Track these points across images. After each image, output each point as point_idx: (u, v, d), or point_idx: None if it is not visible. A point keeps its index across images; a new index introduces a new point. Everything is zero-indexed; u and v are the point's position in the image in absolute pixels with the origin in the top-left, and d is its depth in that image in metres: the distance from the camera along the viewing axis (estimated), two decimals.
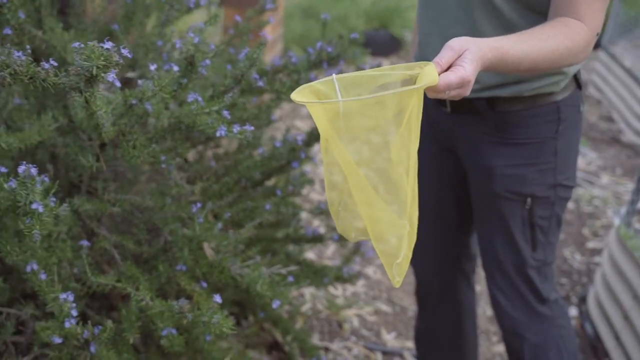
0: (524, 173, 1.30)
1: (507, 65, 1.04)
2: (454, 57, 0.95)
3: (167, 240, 1.46)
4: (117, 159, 1.43)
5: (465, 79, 0.93)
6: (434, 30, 1.31)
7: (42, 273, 1.14)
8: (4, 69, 0.87)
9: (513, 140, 1.30)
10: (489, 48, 0.99)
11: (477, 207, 1.43)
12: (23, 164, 1.04)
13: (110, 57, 0.88)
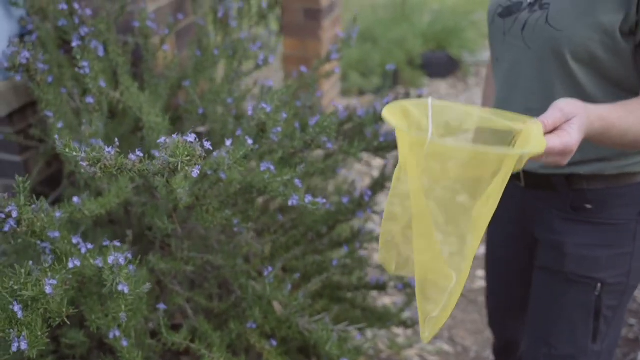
0: (598, 255, 1.21)
1: (610, 138, 0.99)
2: (561, 120, 0.90)
3: (237, 296, 1.50)
4: (190, 219, 1.48)
5: (568, 147, 0.88)
6: (510, 96, 1.25)
7: (124, 340, 1.19)
8: (95, 164, 0.92)
9: (589, 220, 1.22)
10: (597, 117, 0.95)
11: (537, 284, 1.34)
12: (106, 241, 1.09)
13: (194, 152, 0.91)
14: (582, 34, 1.05)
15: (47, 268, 0.99)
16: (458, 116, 0.90)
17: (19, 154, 1.80)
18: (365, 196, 1.54)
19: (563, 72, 1.12)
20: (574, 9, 1.06)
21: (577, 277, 1.24)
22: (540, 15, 1.12)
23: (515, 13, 1.16)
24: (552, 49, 1.11)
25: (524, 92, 1.20)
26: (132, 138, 1.67)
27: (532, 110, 1.13)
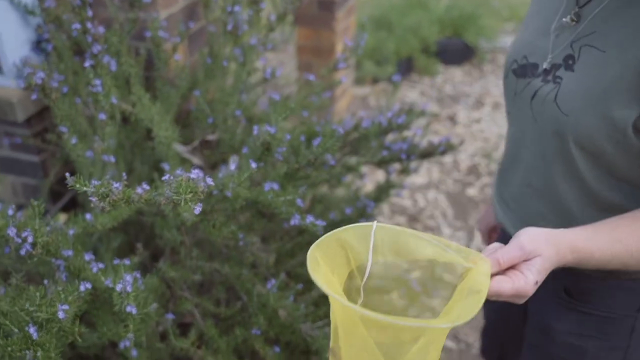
0: (587, 347, 1.12)
1: (589, 266, 0.91)
2: (520, 258, 0.82)
3: (243, 303, 1.56)
4: (198, 229, 1.54)
5: (521, 292, 0.80)
6: (513, 165, 1.16)
7: (133, 350, 1.27)
8: (104, 198, 0.97)
9: (583, 309, 1.11)
10: (570, 250, 0.86)
11: (527, 358, 1.27)
12: (117, 260, 1.16)
13: (197, 189, 0.97)
14: (589, 124, 0.94)
15: (60, 291, 1.05)
16: (410, 244, 0.81)
17: (37, 154, 1.87)
18: (368, 208, 1.59)
19: (564, 158, 1.02)
20: (585, 93, 0.95)
21: (561, 358, 1.17)
22: (550, 90, 1.01)
23: (529, 77, 1.06)
24: (555, 131, 1.01)
25: (526, 166, 1.11)
26: (143, 145, 1.72)
27: (532, 187, 1.10)
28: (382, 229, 0.81)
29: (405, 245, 0.81)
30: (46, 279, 1.18)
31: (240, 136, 1.65)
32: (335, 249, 0.81)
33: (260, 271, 1.56)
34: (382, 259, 0.83)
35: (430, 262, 0.81)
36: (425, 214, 3.06)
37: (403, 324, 0.69)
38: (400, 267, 0.84)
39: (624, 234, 0.90)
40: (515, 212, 1.18)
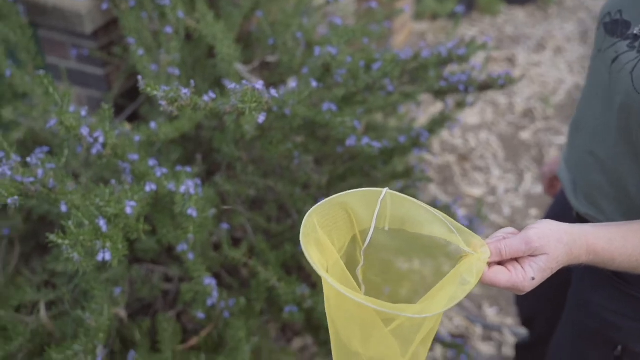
0: (623, 325, 1.08)
1: (610, 268, 0.87)
2: (525, 253, 0.78)
3: (294, 220, 1.62)
4: (255, 146, 1.58)
5: (517, 286, 0.77)
6: (579, 127, 1.11)
7: (190, 253, 1.34)
8: (172, 103, 1.02)
9: (624, 288, 1.06)
10: (586, 252, 0.82)
11: (560, 332, 1.25)
12: (179, 166, 1.21)
13: (261, 99, 1.00)
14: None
15: (127, 190, 1.12)
16: (417, 216, 0.79)
17: (102, 67, 1.93)
18: (422, 137, 1.60)
19: (627, 136, 0.95)
20: None
21: (599, 335, 1.12)
22: (631, 59, 0.92)
23: (617, 37, 0.96)
24: (624, 105, 0.93)
25: (591, 132, 1.06)
26: (206, 62, 1.76)
27: (594, 155, 1.05)
28: (391, 196, 0.80)
29: (412, 216, 0.79)
30: (113, 181, 1.24)
31: (300, 58, 1.67)
32: (338, 213, 0.80)
33: (311, 192, 1.60)
34: (387, 226, 0.81)
35: (432, 239, 0.80)
36: (476, 154, 3.04)
37: (376, 308, 0.70)
38: (403, 238, 0.82)
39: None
40: (576, 178, 1.13)
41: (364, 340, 0.79)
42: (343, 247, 0.83)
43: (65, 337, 1.36)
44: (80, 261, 1.01)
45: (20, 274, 1.61)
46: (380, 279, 0.79)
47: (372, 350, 0.80)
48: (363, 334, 0.78)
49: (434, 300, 0.73)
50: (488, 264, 0.77)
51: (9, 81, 1.49)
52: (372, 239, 0.81)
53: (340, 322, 0.79)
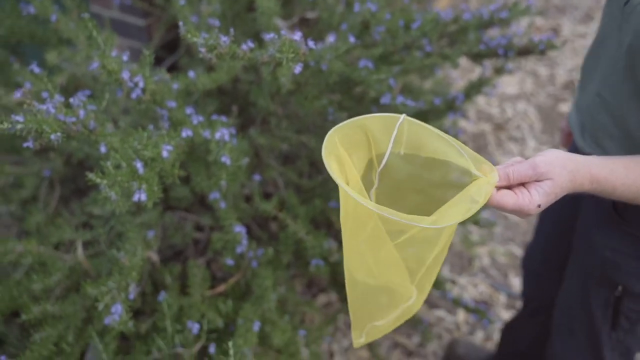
0: (626, 264, 1.11)
1: (611, 197, 0.90)
2: (531, 178, 0.82)
3: (324, 177, 1.64)
4: (290, 101, 1.60)
5: (522, 209, 0.80)
6: (592, 71, 1.13)
7: (222, 202, 1.37)
8: (212, 50, 1.03)
9: (627, 228, 1.09)
10: (589, 180, 0.85)
11: (568, 268, 1.31)
12: (215, 115, 1.23)
13: (299, 50, 1.01)
14: None
15: (164, 135, 1.15)
16: (431, 142, 0.82)
17: (144, 18, 1.95)
18: (457, 100, 1.59)
19: (633, 76, 0.97)
20: None
21: (600, 277, 1.17)
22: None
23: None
24: (631, 45, 0.94)
25: (600, 75, 1.08)
26: (245, 17, 1.76)
27: (602, 97, 1.07)
28: (408, 122, 0.82)
29: (426, 142, 0.82)
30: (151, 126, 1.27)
31: (339, 16, 1.66)
32: (358, 135, 0.84)
33: None
34: (402, 150, 0.84)
35: (445, 163, 0.83)
36: (512, 124, 3.00)
37: (392, 217, 0.73)
38: (417, 163, 0.86)
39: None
40: (584, 120, 1.15)
41: (376, 262, 0.84)
42: (361, 169, 0.87)
43: (100, 275, 1.42)
44: (117, 201, 1.04)
45: (59, 215, 1.68)
46: (392, 203, 0.81)
47: (382, 276, 0.86)
48: (375, 258, 0.83)
49: (446, 214, 0.77)
50: (496, 187, 0.80)
51: (54, 26, 1.52)
52: (387, 162, 0.84)
53: (353, 245, 0.84)
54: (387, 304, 0.93)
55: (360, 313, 0.93)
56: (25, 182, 1.65)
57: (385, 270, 0.87)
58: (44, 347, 1.25)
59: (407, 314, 0.94)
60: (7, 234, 1.83)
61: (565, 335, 1.31)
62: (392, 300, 0.93)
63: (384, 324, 0.93)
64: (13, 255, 1.36)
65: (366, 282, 0.88)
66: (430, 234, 0.83)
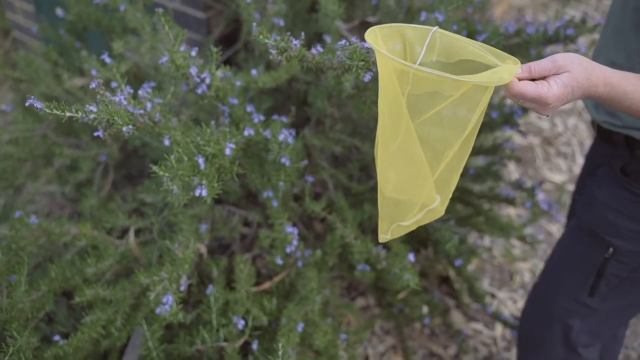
0: (621, 224, 1.15)
1: (625, 108, 0.93)
2: (550, 71, 0.87)
3: (375, 182, 1.64)
4: (347, 104, 1.60)
5: (542, 98, 0.85)
6: (604, 41, 1.18)
7: (274, 200, 1.38)
8: (282, 52, 1.04)
9: (631, 189, 1.13)
10: (603, 81, 0.89)
11: (567, 225, 1.32)
12: (275, 115, 1.24)
13: (369, 58, 1.01)
14: None
15: (227, 132, 1.16)
16: (461, 49, 0.89)
17: (204, 11, 1.98)
18: (515, 115, 1.57)
19: (639, 36, 1.04)
20: None
21: (594, 233, 1.19)
22: None
23: None
24: (636, 6, 1.02)
25: (611, 43, 1.13)
26: (306, 16, 1.77)
27: (614, 63, 1.09)
28: (441, 34, 0.90)
29: (457, 49, 0.90)
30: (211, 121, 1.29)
31: (401, 22, 1.65)
32: (396, 39, 0.91)
33: None
34: (435, 58, 0.92)
35: (473, 63, 0.88)
36: (562, 140, 2.95)
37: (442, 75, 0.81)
38: (448, 69, 0.90)
39: None
40: None
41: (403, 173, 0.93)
42: None
43: (150, 263, 1.44)
44: (178, 194, 1.06)
45: (111, 199, 1.71)
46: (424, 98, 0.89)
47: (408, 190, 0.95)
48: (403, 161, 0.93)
49: (474, 78, 0.83)
50: (519, 79, 0.86)
51: (120, 15, 1.56)
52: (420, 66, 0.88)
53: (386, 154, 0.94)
54: (412, 208, 1.00)
55: (387, 213, 1.00)
56: (81, 165, 1.69)
57: (411, 178, 0.95)
58: (93, 329, 1.28)
59: (431, 217, 1.00)
60: (60, 214, 1.88)
61: (540, 298, 1.36)
62: (416, 205, 1.00)
63: (408, 224, 1.00)
64: (68, 237, 1.40)
65: (393, 196, 0.98)
66: (459, 114, 0.88)
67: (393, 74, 0.86)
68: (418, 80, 0.86)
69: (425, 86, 0.87)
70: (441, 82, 0.84)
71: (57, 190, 1.88)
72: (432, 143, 0.93)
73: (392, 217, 1.00)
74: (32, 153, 1.76)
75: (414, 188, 0.97)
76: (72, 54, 1.79)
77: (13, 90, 2.02)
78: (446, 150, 0.92)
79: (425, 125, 0.91)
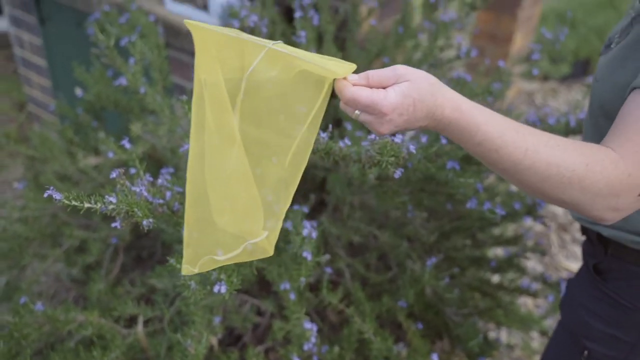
0: (594, 326, 1.07)
1: (473, 144, 0.80)
2: (389, 79, 0.78)
3: (394, 273, 1.58)
4: (366, 192, 1.56)
5: (377, 105, 0.76)
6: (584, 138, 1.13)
7: (291, 293, 1.32)
8: None
9: (603, 288, 1.05)
10: (451, 107, 0.78)
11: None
12: (297, 205, 1.20)
13: (400, 153, 0.98)
14: (607, 88, 0.94)
15: None
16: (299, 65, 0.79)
17: None
18: (539, 207, 1.53)
19: (596, 130, 0.99)
20: (612, 59, 0.95)
21: (572, 333, 1.13)
22: (603, 60, 1.00)
23: (603, 54, 1.02)
24: (592, 101, 1.02)
25: (585, 138, 1.09)
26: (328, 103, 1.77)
27: None
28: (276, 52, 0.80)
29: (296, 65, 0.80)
30: None
31: None
32: (234, 51, 0.81)
33: (416, 247, 1.56)
34: (274, 74, 0.81)
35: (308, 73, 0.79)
36: (576, 226, 2.90)
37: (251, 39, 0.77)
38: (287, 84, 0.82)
39: (527, 130, 0.79)
40: None
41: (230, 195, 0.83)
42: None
43: (158, 355, 1.37)
44: (196, 289, 1.01)
45: (120, 284, 1.65)
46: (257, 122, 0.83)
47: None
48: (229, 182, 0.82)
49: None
50: (355, 85, 0.78)
51: (139, 97, 1.55)
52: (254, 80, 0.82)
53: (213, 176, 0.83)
54: (235, 241, 0.88)
55: (198, 242, 0.88)
56: (91, 247, 1.64)
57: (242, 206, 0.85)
58: None
59: (253, 255, 0.89)
60: (65, 296, 1.81)
61: None
62: (240, 238, 0.88)
63: (224, 259, 0.88)
64: (74, 325, 1.33)
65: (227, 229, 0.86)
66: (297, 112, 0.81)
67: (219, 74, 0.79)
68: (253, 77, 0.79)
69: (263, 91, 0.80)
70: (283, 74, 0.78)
71: (63, 270, 1.82)
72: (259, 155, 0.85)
73: (205, 248, 0.88)
74: (41, 232, 1.72)
75: (245, 217, 0.86)
76: (88, 132, 1.78)
77: (26, 166, 2.00)
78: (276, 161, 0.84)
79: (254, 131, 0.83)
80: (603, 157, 0.78)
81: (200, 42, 0.80)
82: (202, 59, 0.80)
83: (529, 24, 3.45)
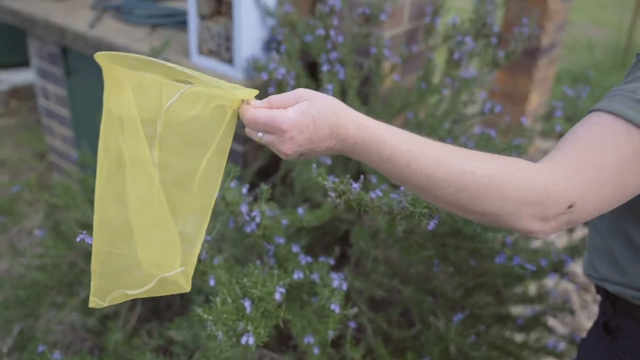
0: None
1: (383, 161, 0.77)
2: (290, 101, 0.78)
3: (418, 329, 1.54)
4: (390, 245, 1.55)
5: (275, 121, 0.75)
6: None
7: (315, 347, 1.29)
8: (341, 195, 1.01)
9: (609, 344, 1.02)
10: (356, 124, 0.76)
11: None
12: (322, 257, 1.19)
13: (433, 205, 0.97)
14: None
15: (275, 274, 1.10)
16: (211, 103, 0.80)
17: (243, 144, 2.00)
18: (565, 264, 1.51)
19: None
20: None
21: None
22: None
23: None
24: None
25: None
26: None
27: (593, 224, 1.06)
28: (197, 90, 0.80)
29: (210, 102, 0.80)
30: (256, 261, 1.24)
31: None
32: (155, 92, 0.81)
33: (440, 302, 1.53)
34: (193, 112, 0.80)
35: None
36: None
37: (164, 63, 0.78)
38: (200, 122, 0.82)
39: (439, 144, 0.77)
40: (589, 253, 1.10)
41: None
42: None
43: None
44: (223, 340, 0.98)
45: (137, 335, 1.62)
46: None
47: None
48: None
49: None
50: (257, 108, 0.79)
51: None
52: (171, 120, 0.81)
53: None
54: (148, 276, 0.85)
55: (110, 273, 0.84)
56: None
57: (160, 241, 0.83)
58: None
59: (166, 289, 0.86)
60: (80, 346, 1.78)
61: None
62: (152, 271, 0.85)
63: (135, 293, 0.85)
64: None
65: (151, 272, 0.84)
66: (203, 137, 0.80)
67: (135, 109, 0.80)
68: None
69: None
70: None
71: (78, 320, 1.80)
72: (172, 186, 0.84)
73: (116, 281, 0.84)
74: (60, 280, 1.70)
75: (159, 250, 0.84)
76: None
77: (46, 214, 2.01)
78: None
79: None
80: (525, 165, 0.75)
81: (112, 78, 0.81)
82: (113, 94, 0.82)
83: (545, 85, 3.48)
